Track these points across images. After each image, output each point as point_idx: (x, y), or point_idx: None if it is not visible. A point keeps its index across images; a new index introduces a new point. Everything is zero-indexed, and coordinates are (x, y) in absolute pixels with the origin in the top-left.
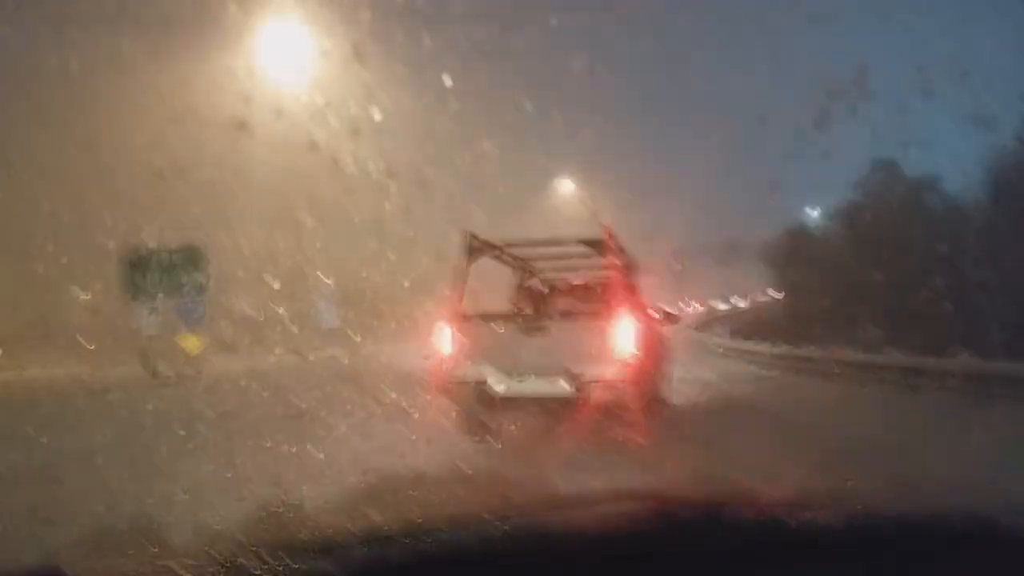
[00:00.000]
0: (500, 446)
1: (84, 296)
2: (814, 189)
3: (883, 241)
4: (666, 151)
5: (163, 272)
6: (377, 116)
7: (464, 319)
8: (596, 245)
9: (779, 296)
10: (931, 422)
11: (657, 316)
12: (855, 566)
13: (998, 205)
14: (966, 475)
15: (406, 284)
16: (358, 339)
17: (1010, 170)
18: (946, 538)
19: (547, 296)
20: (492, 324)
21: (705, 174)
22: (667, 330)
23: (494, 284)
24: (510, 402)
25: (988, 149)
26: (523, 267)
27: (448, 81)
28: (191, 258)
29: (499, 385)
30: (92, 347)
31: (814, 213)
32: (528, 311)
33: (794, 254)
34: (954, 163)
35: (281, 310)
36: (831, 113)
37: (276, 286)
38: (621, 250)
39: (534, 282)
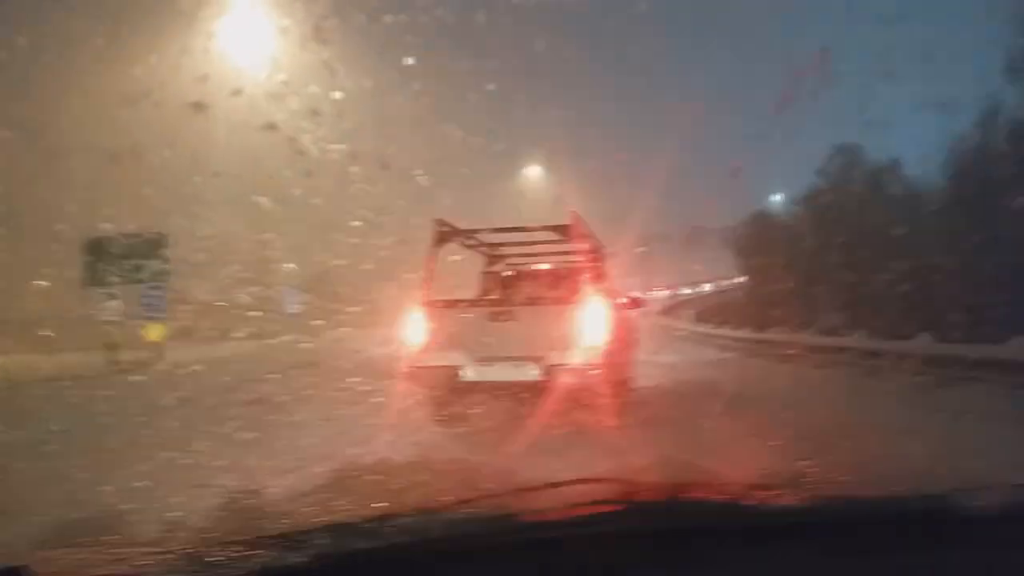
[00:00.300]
0: (467, 431)
1: (41, 283)
2: (779, 175)
3: (844, 225)
4: (631, 138)
5: (123, 258)
6: (337, 96)
7: (433, 305)
8: (563, 231)
9: (743, 280)
10: (888, 404)
11: (623, 301)
12: (812, 546)
13: (957, 190)
14: (921, 456)
15: (369, 268)
16: (321, 324)
17: (969, 154)
18: (900, 518)
19: (515, 282)
20: (460, 310)
21: (670, 160)
22: (633, 315)
23: (463, 271)
24: (478, 387)
25: (948, 135)
26: (491, 253)
27: (410, 61)
28: (151, 244)
29: (468, 370)
30: (50, 334)
31: (777, 198)
32: (496, 297)
33: (757, 239)
34: (915, 148)
35: (244, 297)
36: (794, 97)
37: (238, 272)
38: (588, 236)
39: (502, 268)
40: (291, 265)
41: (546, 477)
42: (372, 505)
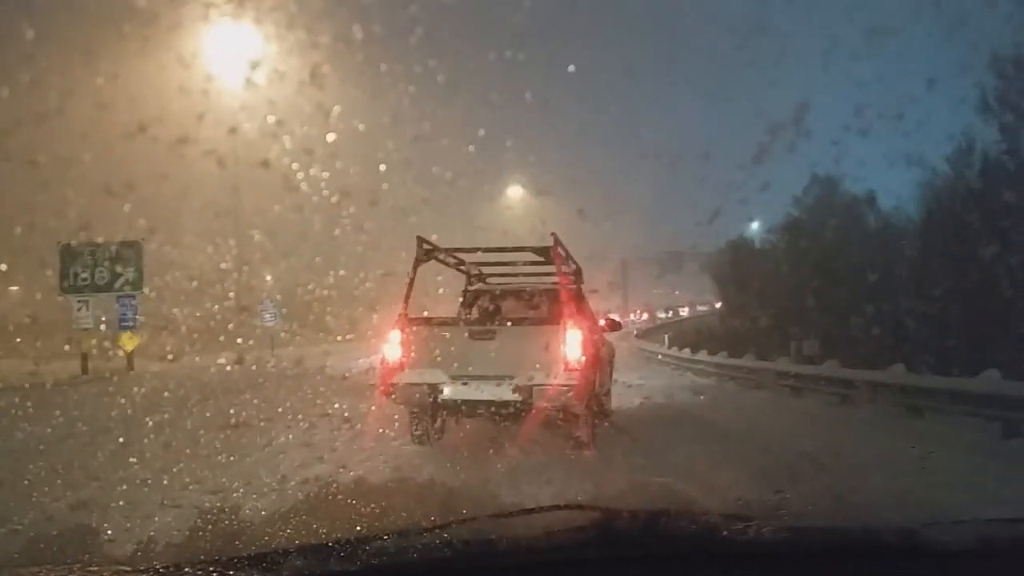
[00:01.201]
0: (443, 451)
1: (12, 288)
2: (755, 203)
3: (820, 254)
4: (613, 167)
5: (97, 267)
6: (330, 137)
7: (412, 323)
8: (544, 253)
9: (719, 306)
10: (862, 433)
11: (601, 323)
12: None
13: (928, 222)
14: (891, 487)
15: (355, 296)
16: (300, 344)
17: (942, 191)
18: (873, 551)
19: (495, 301)
20: (440, 329)
21: (651, 188)
22: (610, 338)
23: (444, 292)
24: (456, 406)
25: (918, 185)
26: (471, 273)
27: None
28: (127, 254)
29: (446, 389)
30: (19, 340)
31: (754, 226)
32: (476, 317)
33: (734, 266)
34: (887, 191)
35: (221, 315)
36: (771, 148)
37: (217, 292)
38: (568, 259)
39: (482, 288)
40: (268, 278)
41: (521, 501)
42: (348, 527)
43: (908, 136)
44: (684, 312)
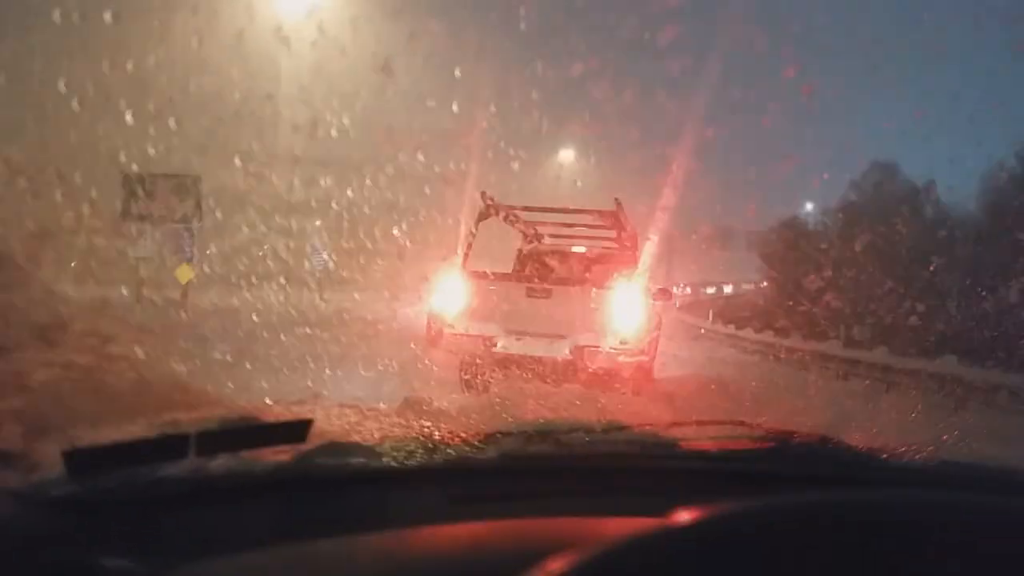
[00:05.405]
0: (493, 399)
1: (69, 213)
2: (810, 185)
3: (875, 239)
4: (663, 136)
5: (156, 196)
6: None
7: (470, 276)
8: (607, 217)
9: (764, 285)
10: (898, 418)
11: (653, 292)
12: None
13: (990, 214)
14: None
15: (399, 236)
16: (349, 284)
17: (1005, 182)
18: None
19: (552, 261)
20: (498, 283)
21: (704, 160)
22: (658, 307)
23: (498, 247)
24: (508, 360)
25: (980, 177)
26: (532, 231)
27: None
28: (185, 186)
29: (500, 342)
30: (73, 264)
31: (809, 207)
32: (533, 275)
33: (786, 245)
34: (950, 172)
35: (275, 250)
36: (832, 114)
37: (270, 228)
38: (628, 224)
39: (540, 246)
40: (318, 223)
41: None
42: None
43: (972, 127)
44: (728, 289)
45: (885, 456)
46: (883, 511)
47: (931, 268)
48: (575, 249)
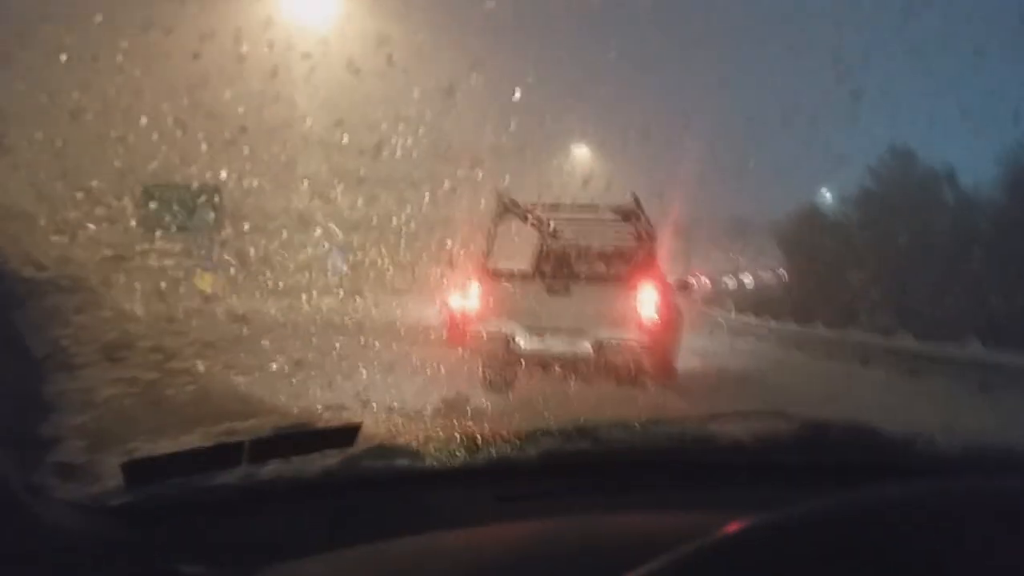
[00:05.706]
0: (515, 399)
1: (90, 226)
2: (828, 173)
3: (893, 228)
4: (679, 127)
5: (177, 207)
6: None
7: (490, 275)
8: (624, 213)
9: (783, 274)
10: (942, 409)
11: (673, 285)
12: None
13: (1012, 202)
14: None
15: (413, 234)
16: (368, 288)
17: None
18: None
19: (571, 258)
20: (517, 281)
21: (720, 150)
22: (679, 300)
23: (516, 244)
24: (531, 357)
25: (1000, 164)
26: (550, 229)
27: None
28: (206, 196)
29: (521, 340)
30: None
31: (827, 196)
32: (552, 272)
33: (805, 234)
34: (970, 159)
35: (293, 256)
36: (843, 116)
37: (288, 235)
38: (645, 218)
39: (560, 243)
40: (335, 228)
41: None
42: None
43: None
44: (748, 279)
45: (921, 443)
46: (952, 502)
47: (952, 255)
48: (592, 245)
